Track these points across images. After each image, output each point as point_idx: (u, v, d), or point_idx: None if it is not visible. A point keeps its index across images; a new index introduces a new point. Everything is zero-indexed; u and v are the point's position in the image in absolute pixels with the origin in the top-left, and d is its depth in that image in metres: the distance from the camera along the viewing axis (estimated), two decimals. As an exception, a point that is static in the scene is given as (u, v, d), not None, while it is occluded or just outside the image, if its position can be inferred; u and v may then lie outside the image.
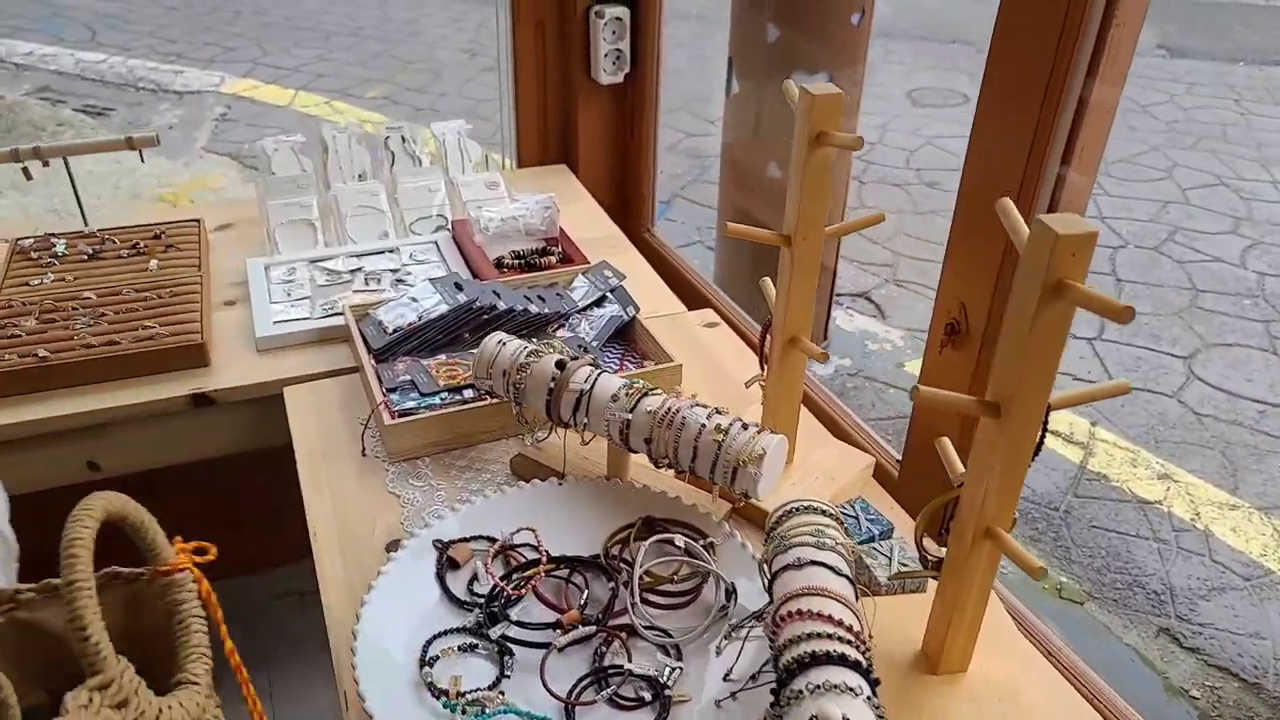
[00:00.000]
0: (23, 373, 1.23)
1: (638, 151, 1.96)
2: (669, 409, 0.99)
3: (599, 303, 1.41)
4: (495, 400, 1.17)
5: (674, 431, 0.98)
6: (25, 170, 1.53)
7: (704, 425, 0.97)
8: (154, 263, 1.47)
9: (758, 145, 2.77)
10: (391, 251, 1.57)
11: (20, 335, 1.28)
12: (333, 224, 1.61)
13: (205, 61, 5.63)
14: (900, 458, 1.25)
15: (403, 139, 1.77)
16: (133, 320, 1.33)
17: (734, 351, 1.41)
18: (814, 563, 0.80)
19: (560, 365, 1.07)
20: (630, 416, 1.01)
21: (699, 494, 1.05)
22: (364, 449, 1.18)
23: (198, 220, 1.60)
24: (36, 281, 1.41)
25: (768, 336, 1.06)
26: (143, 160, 1.59)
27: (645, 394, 1.02)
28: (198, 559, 0.76)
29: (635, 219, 2.00)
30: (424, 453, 1.16)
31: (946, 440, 0.82)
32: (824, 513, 0.85)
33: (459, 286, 1.37)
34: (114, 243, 1.53)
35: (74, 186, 1.57)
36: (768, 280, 1.10)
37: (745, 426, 0.97)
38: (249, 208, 1.74)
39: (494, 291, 1.37)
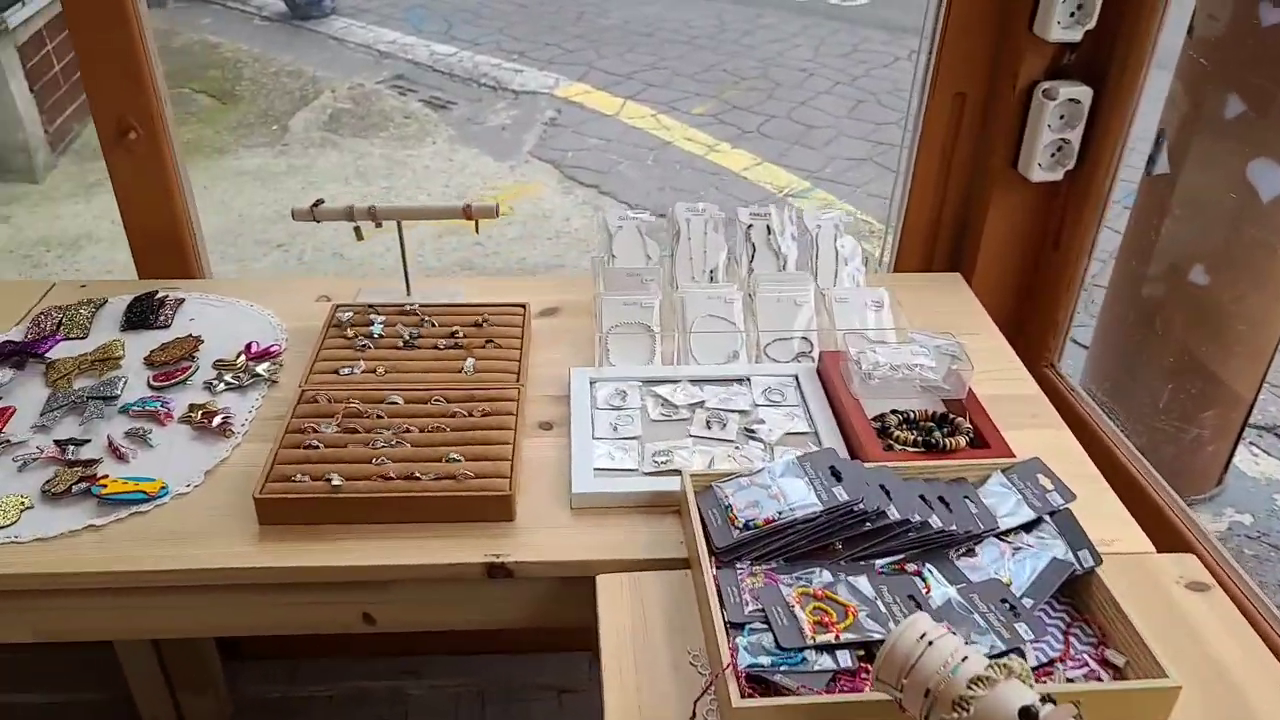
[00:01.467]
0: (314, 501, 1.03)
1: (1061, 269, 1.50)
2: None
3: (1030, 525, 1.00)
4: (888, 697, 0.80)
5: None
6: (357, 230, 1.37)
7: None
8: (470, 362, 1.25)
9: (1182, 241, 2.18)
10: (741, 383, 1.25)
11: (318, 446, 1.09)
12: (675, 334, 1.31)
13: (544, 62, 5.72)
14: None
15: (768, 229, 1.44)
16: (438, 444, 1.11)
17: (1236, 642, 0.93)
18: None
19: (1027, 715, 0.68)
20: None
21: None
22: (694, 715, 0.85)
23: (523, 306, 1.37)
24: (346, 370, 1.23)
25: None
26: (477, 231, 1.38)
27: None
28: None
29: (1035, 349, 1.55)
30: (775, 744, 0.82)
31: None
32: None
33: (836, 475, 1.01)
34: (432, 325, 1.32)
35: (403, 251, 1.39)
36: None
37: None
38: (578, 288, 1.49)
39: (882, 487, 1.00)
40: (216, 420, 1.16)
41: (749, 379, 1.26)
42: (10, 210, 3.97)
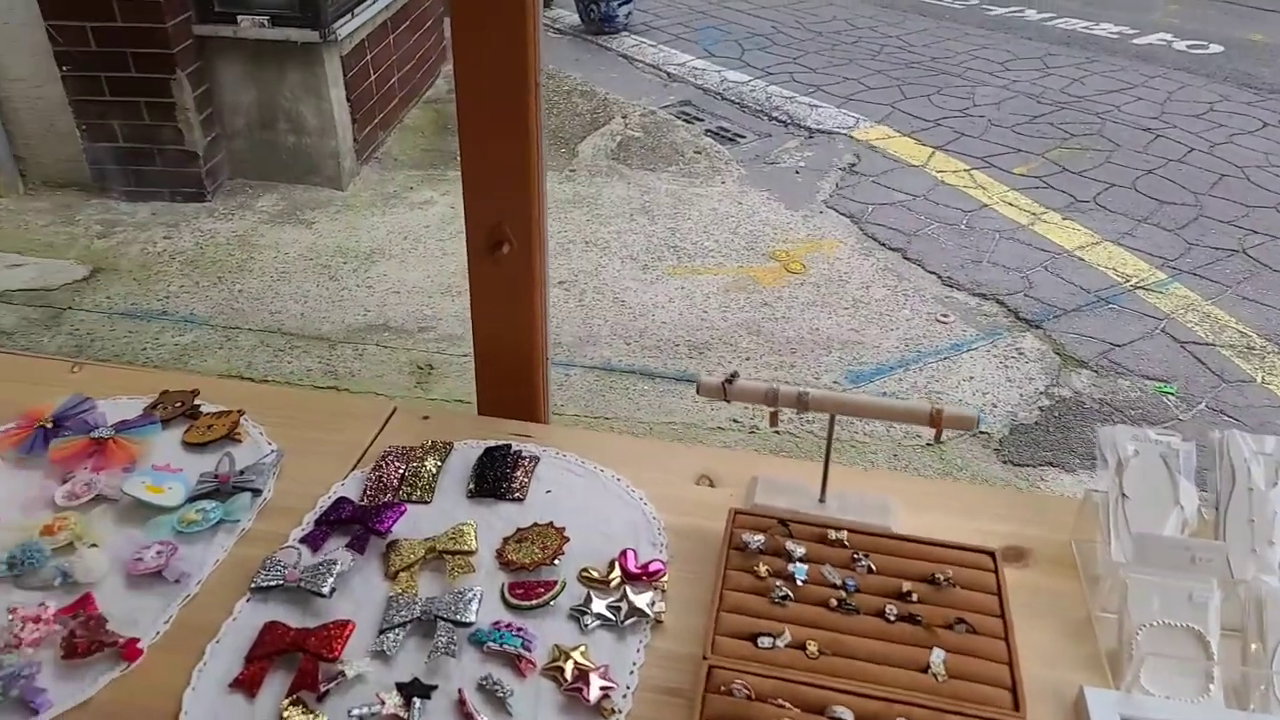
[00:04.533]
0: None
1: None
2: None
3: None
4: None
5: None
6: (773, 415, 1.03)
7: None
8: (939, 657, 0.87)
9: None
10: (1371, 769, 0.80)
11: (743, 790, 0.76)
12: (1250, 658, 0.88)
13: (842, 99, 5.30)
14: None
15: (1371, 487, 0.97)
16: (919, 823, 0.74)
17: None
18: None
19: None
20: None
21: None
22: None
23: (991, 556, 0.98)
24: (767, 642, 0.89)
25: None
26: (939, 440, 1.01)
27: None
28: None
29: None
30: None
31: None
32: None
33: None
34: (869, 569, 0.96)
35: (828, 451, 1.04)
36: None
37: None
38: (1047, 514, 1.08)
39: None
40: (594, 690, 0.86)
41: (1383, 766, 0.80)
42: (315, 216, 4.06)
